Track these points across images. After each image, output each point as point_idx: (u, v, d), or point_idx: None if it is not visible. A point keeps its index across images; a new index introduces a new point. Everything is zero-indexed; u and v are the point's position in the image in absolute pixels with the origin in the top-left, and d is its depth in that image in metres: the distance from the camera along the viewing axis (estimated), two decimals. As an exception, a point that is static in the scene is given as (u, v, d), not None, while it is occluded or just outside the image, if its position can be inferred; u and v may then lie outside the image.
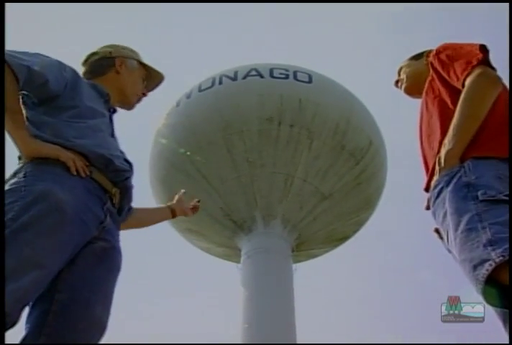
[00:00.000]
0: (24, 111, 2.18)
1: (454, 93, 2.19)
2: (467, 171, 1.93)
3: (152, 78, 2.70)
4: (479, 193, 1.81)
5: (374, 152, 8.78)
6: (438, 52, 2.36)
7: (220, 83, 8.61)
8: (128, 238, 2.39)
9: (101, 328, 2.02)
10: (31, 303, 1.92)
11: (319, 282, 18.08)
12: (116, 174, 2.22)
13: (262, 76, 8.53)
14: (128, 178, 2.30)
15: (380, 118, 8.90)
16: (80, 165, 2.09)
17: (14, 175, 2.04)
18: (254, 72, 8.60)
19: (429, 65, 2.39)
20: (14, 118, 2.09)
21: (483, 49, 2.21)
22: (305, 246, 8.88)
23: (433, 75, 2.36)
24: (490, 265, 1.60)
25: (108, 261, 2.13)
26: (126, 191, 2.30)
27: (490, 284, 1.61)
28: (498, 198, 1.77)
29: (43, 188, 1.92)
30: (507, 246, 1.61)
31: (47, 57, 2.34)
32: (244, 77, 8.55)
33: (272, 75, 8.52)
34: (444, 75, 2.28)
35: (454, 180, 1.93)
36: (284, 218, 8.20)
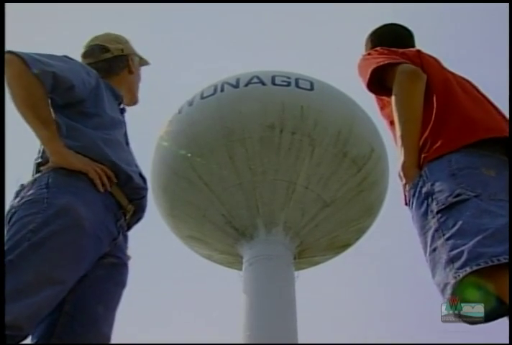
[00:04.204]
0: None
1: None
2: (425, 179, 1.86)
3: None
4: (434, 204, 1.77)
5: (376, 159, 8.78)
6: (359, 74, 2.35)
7: (222, 90, 8.63)
8: (129, 245, 2.39)
9: (106, 342, 2.04)
10: None
11: (321, 290, 18.01)
12: (133, 191, 2.24)
13: (263, 83, 8.55)
14: (144, 197, 2.31)
15: (381, 126, 8.90)
16: (105, 181, 2.09)
17: (34, 182, 2.03)
18: (256, 80, 8.62)
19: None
20: (47, 128, 2.07)
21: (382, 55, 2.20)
22: (307, 254, 8.86)
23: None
24: (449, 289, 1.61)
25: (117, 276, 2.15)
26: (140, 209, 2.31)
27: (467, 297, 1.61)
28: (450, 202, 1.73)
29: (65, 203, 1.92)
30: (460, 262, 1.60)
31: (73, 59, 2.34)
32: (246, 85, 8.57)
33: (273, 83, 8.54)
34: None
35: (417, 194, 1.86)
36: (286, 226, 8.19)
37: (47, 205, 1.90)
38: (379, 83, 2.21)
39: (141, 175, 2.34)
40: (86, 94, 2.25)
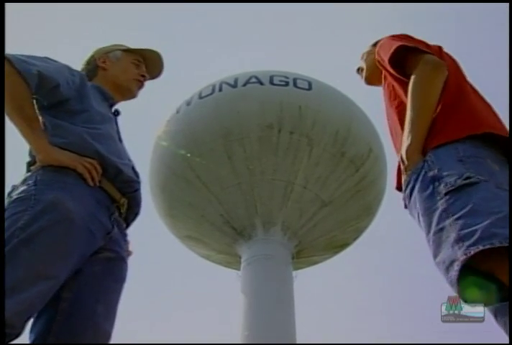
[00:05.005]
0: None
1: (405, 84, 2.18)
2: (431, 164, 1.89)
3: (149, 60, 2.69)
4: (441, 186, 1.78)
5: (374, 159, 8.78)
6: (378, 50, 2.36)
7: (220, 90, 8.62)
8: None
9: (106, 339, 2.02)
10: None
11: (320, 289, 18.02)
12: (124, 185, 2.24)
13: (262, 83, 8.54)
14: (137, 190, 2.31)
15: (380, 126, 8.91)
16: (95, 175, 2.09)
17: (24, 181, 2.04)
18: (254, 80, 8.61)
19: (378, 62, 2.39)
20: (32, 126, 2.09)
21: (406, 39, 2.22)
22: (305, 253, 8.86)
23: (383, 70, 2.37)
24: (457, 265, 1.60)
25: (115, 271, 2.14)
26: (134, 203, 2.31)
27: (469, 280, 1.60)
28: (460, 184, 1.74)
29: (53, 198, 1.93)
30: (472, 240, 1.59)
31: (55, 61, 2.36)
32: (244, 85, 8.56)
33: (272, 82, 8.53)
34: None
35: (420, 178, 1.88)
36: (284, 225, 8.19)
37: (35, 201, 1.90)
38: (397, 62, 2.23)
39: (133, 169, 2.35)
40: (71, 93, 2.27)
